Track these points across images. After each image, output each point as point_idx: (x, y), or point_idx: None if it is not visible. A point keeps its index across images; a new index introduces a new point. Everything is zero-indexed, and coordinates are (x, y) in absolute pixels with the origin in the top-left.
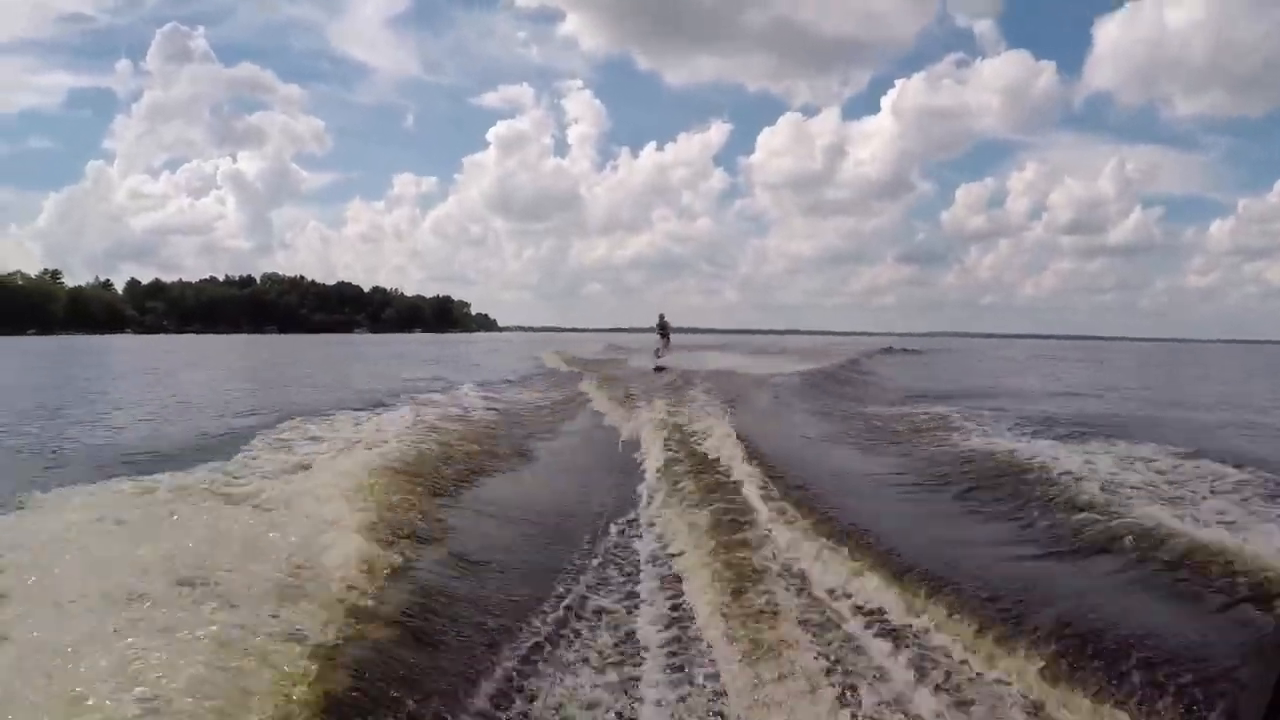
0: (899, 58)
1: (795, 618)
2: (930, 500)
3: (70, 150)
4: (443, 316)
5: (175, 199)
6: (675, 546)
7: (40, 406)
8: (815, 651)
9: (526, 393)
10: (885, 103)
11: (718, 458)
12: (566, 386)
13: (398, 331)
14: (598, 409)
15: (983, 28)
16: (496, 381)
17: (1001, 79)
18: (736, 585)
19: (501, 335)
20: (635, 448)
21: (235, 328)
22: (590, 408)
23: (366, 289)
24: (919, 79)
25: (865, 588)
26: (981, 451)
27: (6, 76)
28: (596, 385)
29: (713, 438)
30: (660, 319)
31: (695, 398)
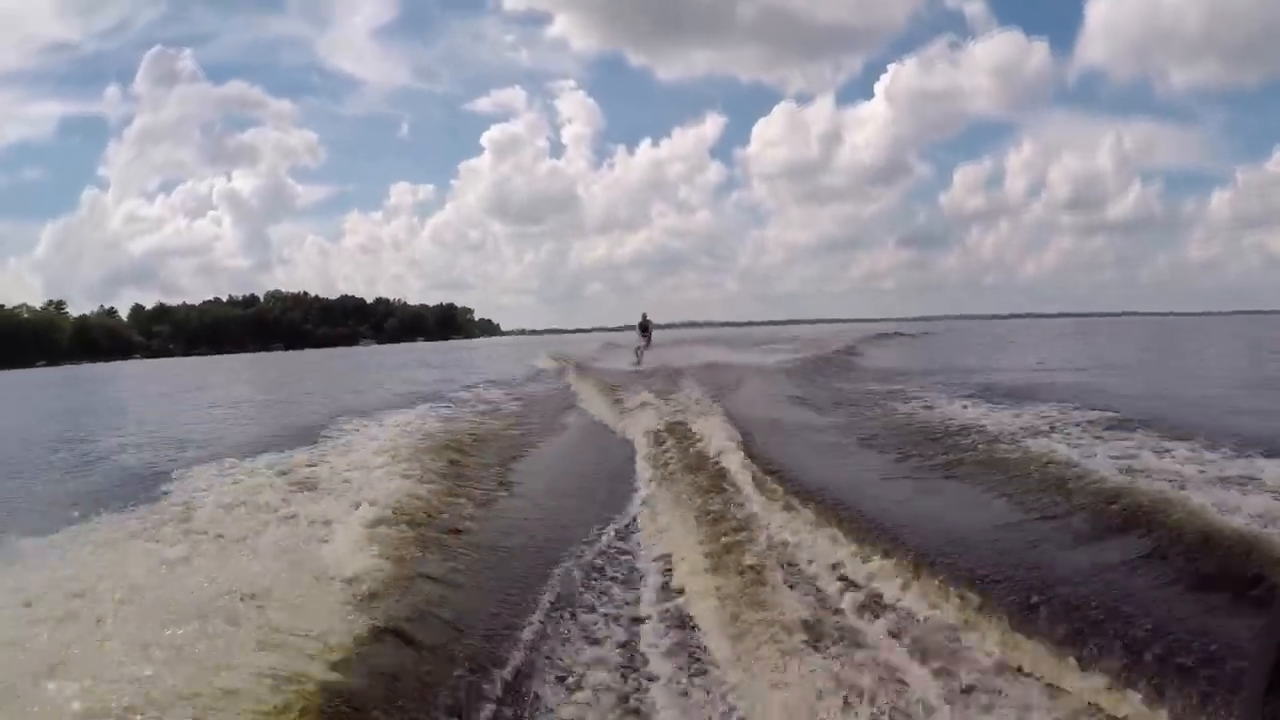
0: (891, 42)
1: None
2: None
3: (64, 179)
4: (446, 324)
5: (172, 221)
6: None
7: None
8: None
9: (516, 389)
10: (879, 88)
11: (703, 438)
12: (553, 381)
13: (402, 341)
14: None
15: (973, 9)
16: (490, 380)
17: (994, 59)
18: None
19: (504, 340)
20: (621, 428)
21: (241, 347)
22: (577, 397)
23: (369, 300)
24: (912, 62)
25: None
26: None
27: None
28: (578, 377)
29: (699, 418)
30: (643, 318)
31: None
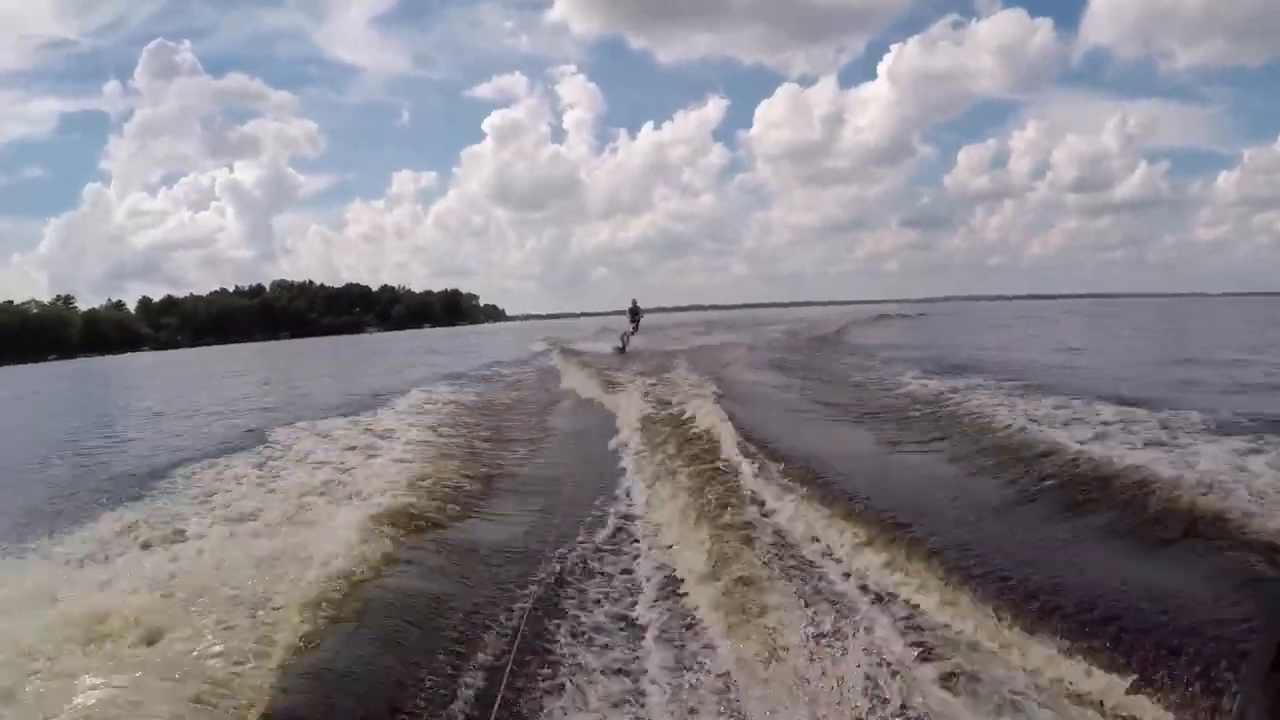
0: (894, 22)
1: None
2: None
3: (66, 175)
4: (451, 310)
5: (175, 214)
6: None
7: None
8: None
9: (510, 373)
10: (882, 69)
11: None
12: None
13: (408, 328)
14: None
15: None
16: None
17: (998, 38)
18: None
19: (510, 325)
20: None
21: (248, 337)
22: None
23: (374, 288)
24: (915, 43)
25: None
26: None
27: None
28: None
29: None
30: (633, 303)
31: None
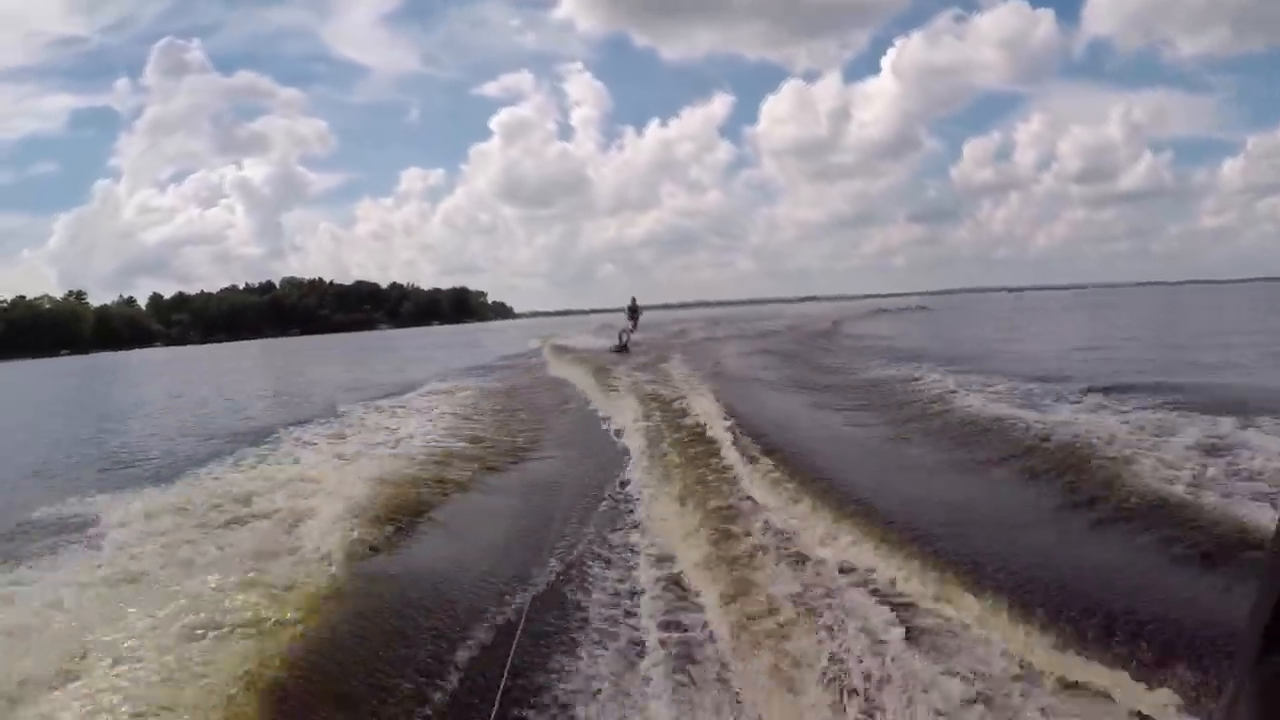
0: (897, 17)
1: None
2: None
3: (76, 171)
4: (460, 307)
5: (184, 211)
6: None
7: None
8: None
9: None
10: (886, 63)
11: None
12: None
13: (417, 325)
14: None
15: None
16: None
17: (1001, 31)
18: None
19: (517, 322)
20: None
21: (258, 333)
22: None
23: (383, 285)
24: (918, 37)
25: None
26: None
27: (7, 103)
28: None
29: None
30: (631, 301)
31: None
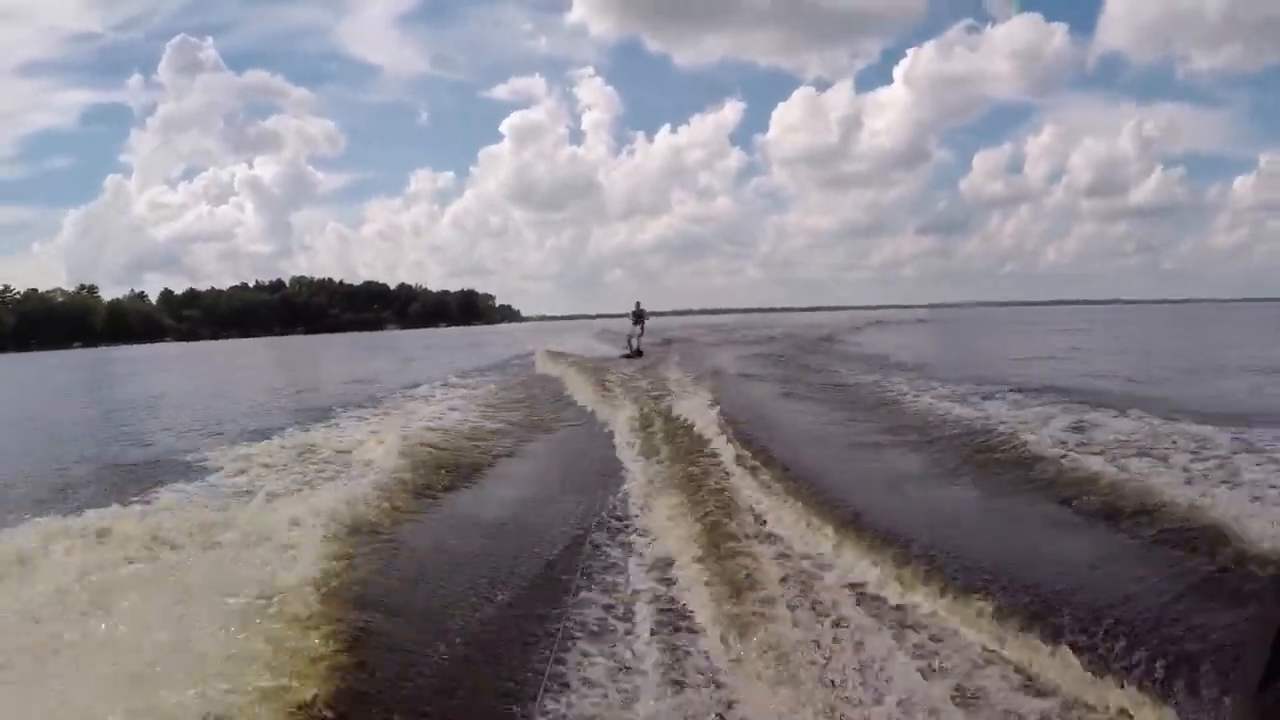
0: (910, 27)
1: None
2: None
3: (88, 166)
4: (468, 309)
5: (194, 208)
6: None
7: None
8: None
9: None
10: (898, 73)
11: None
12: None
13: (424, 326)
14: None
15: None
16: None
17: (1014, 43)
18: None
19: (524, 325)
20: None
21: (268, 330)
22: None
23: (391, 286)
24: (930, 47)
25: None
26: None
27: (22, 98)
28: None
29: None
30: (636, 306)
31: None
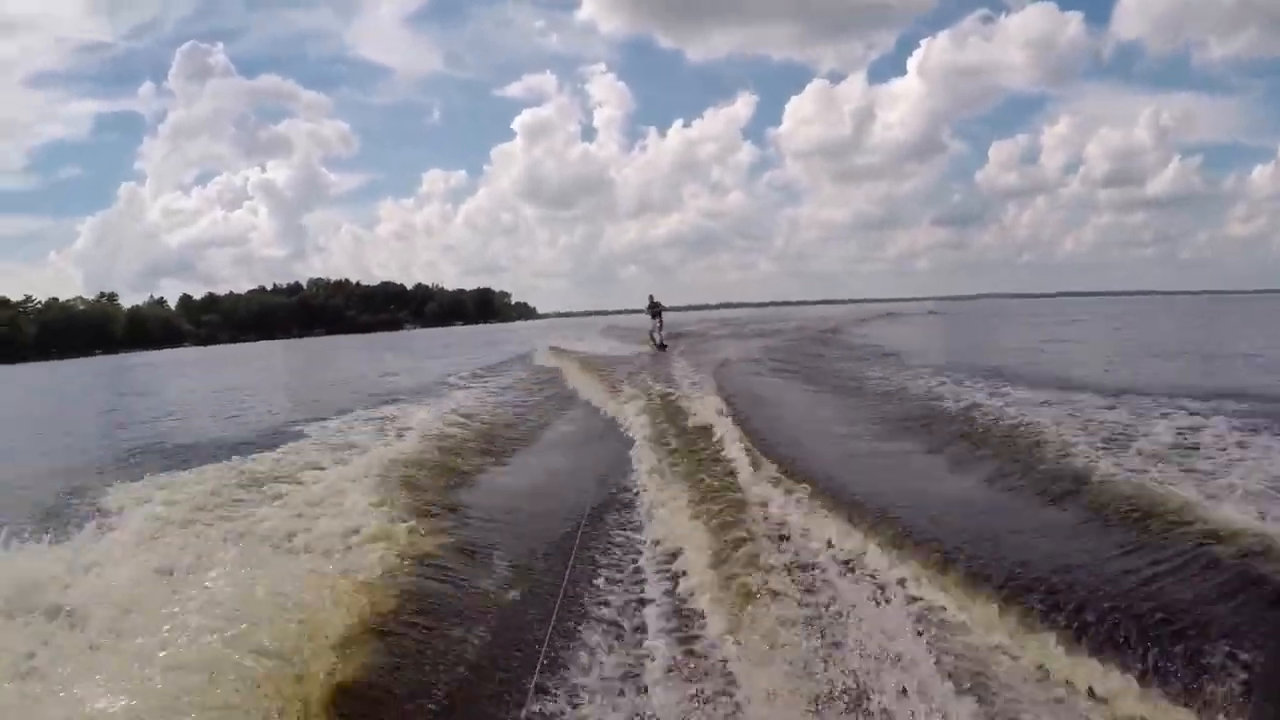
0: (923, 17)
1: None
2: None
3: (101, 175)
4: (484, 308)
5: (208, 213)
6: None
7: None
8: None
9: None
10: (912, 64)
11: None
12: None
13: (441, 325)
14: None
15: None
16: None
17: (1028, 32)
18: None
19: (540, 323)
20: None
21: (286, 333)
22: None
23: (408, 286)
24: (944, 37)
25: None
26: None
27: (34, 109)
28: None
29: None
30: (651, 299)
31: None
